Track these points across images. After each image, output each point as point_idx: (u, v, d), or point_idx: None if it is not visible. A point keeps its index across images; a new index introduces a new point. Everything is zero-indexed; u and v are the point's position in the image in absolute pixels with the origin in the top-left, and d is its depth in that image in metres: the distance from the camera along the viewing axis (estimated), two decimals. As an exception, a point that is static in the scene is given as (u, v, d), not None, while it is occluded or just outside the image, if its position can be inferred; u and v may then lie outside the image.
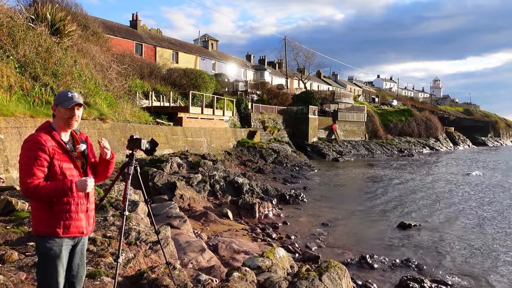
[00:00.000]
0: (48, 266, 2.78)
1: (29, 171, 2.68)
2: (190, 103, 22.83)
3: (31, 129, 9.67)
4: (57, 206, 2.77)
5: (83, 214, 2.91)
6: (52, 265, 2.78)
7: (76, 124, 2.92)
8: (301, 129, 38.09)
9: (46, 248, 2.77)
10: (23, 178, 2.68)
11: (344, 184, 20.53)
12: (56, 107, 2.89)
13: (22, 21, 13.28)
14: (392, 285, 7.28)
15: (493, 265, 8.62)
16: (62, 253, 2.80)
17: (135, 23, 39.93)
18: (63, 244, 2.81)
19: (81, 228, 2.90)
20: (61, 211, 2.79)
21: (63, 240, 2.81)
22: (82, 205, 2.89)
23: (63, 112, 2.86)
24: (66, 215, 2.81)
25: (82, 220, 2.90)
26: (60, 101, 2.87)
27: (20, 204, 6.34)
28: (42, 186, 2.68)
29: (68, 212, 2.81)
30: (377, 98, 79.84)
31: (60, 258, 2.79)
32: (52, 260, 2.78)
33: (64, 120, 2.87)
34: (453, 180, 22.81)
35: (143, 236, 5.50)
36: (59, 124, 2.89)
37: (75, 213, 2.85)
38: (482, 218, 13.04)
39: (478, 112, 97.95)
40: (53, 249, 2.77)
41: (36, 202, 2.79)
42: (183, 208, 10.94)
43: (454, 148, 59.42)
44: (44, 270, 2.79)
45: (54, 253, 2.77)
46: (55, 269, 2.78)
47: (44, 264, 2.79)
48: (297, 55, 60.99)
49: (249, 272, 4.98)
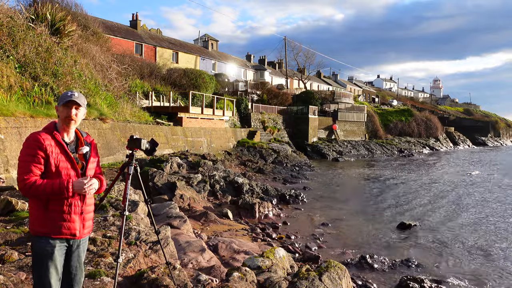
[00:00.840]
0: (41, 266, 2.79)
1: (26, 168, 2.72)
2: (190, 103, 22.83)
3: (31, 129, 9.67)
4: (51, 206, 2.79)
5: (77, 216, 2.89)
6: (44, 265, 2.79)
7: (74, 123, 2.93)
8: (301, 129, 38.09)
9: (39, 247, 2.80)
10: (21, 175, 2.72)
11: (344, 184, 20.53)
12: (57, 107, 2.95)
13: (22, 21, 13.28)
14: (392, 285, 7.28)
15: (493, 265, 8.62)
16: (54, 254, 2.80)
17: (135, 23, 39.94)
18: (55, 245, 2.81)
19: (73, 230, 2.87)
20: (54, 211, 2.80)
21: (55, 241, 2.81)
22: (76, 206, 2.87)
23: (61, 111, 2.90)
24: (59, 216, 2.81)
25: (75, 222, 2.88)
26: (60, 100, 2.93)
27: (20, 204, 6.34)
28: (39, 183, 2.70)
29: (61, 213, 2.81)
30: (377, 98, 79.84)
31: (52, 259, 2.79)
32: (45, 260, 2.79)
33: (63, 119, 2.91)
34: (453, 180, 22.81)
35: (143, 236, 5.50)
36: (60, 124, 2.93)
37: (67, 215, 2.84)
38: (482, 218, 13.04)
39: (478, 112, 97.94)
40: (45, 249, 2.78)
41: (34, 202, 2.81)
42: (183, 208, 10.94)
43: (454, 148, 59.43)
44: (37, 269, 2.81)
45: (46, 253, 2.79)
46: (47, 269, 2.78)
47: (37, 264, 2.81)
48: (297, 55, 61.07)
49: (249, 272, 4.98)
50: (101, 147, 13.57)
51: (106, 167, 13.05)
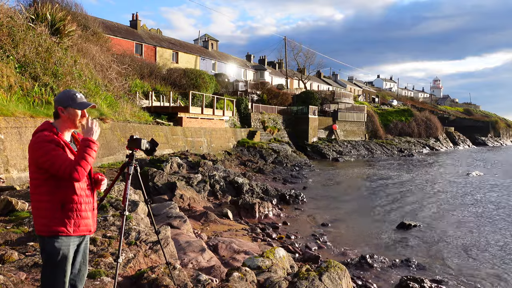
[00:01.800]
0: (57, 266, 2.79)
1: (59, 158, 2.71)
2: (190, 103, 22.82)
3: (31, 129, 9.66)
4: (67, 204, 2.81)
5: (91, 212, 2.98)
6: (61, 265, 2.79)
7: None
8: (301, 129, 38.09)
9: (54, 247, 2.77)
10: (61, 166, 2.69)
11: (344, 184, 20.54)
12: (64, 109, 2.88)
13: (22, 21, 13.28)
14: (392, 285, 7.27)
15: (494, 265, 8.62)
16: (70, 252, 2.84)
17: (135, 23, 39.93)
18: (70, 243, 2.84)
19: (89, 226, 2.96)
20: (72, 210, 2.83)
21: (70, 239, 2.83)
22: (89, 203, 2.95)
23: (73, 113, 2.89)
24: (77, 213, 2.85)
25: (90, 219, 2.96)
26: (70, 103, 2.88)
27: (20, 204, 6.34)
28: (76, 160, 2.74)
29: (78, 211, 2.86)
30: (377, 98, 79.82)
31: (67, 258, 2.83)
32: (61, 259, 2.79)
33: (72, 121, 2.91)
34: (453, 180, 22.81)
35: (143, 236, 5.50)
36: (65, 125, 2.91)
37: (84, 212, 2.90)
38: (482, 218, 13.04)
39: (478, 112, 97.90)
40: (61, 248, 2.79)
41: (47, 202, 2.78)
42: (183, 208, 10.94)
43: (454, 148, 59.43)
44: (51, 270, 2.79)
45: (62, 252, 2.79)
46: (63, 269, 2.80)
47: (52, 264, 2.79)
48: (297, 55, 61.01)
49: (249, 272, 4.98)
50: (101, 147, 13.56)
51: (106, 167, 13.05)
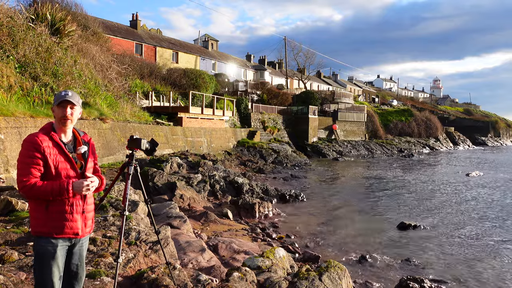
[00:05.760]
0: (43, 265, 2.80)
1: (26, 170, 2.72)
2: (190, 103, 22.82)
3: (31, 129, 9.67)
4: (52, 206, 2.79)
5: (79, 215, 2.91)
6: (47, 265, 2.80)
7: (71, 123, 2.93)
8: (301, 129, 38.10)
9: (41, 247, 2.81)
10: (20, 177, 2.72)
11: (344, 184, 20.53)
12: (53, 108, 2.94)
13: (22, 21, 13.28)
14: (392, 285, 7.27)
15: (494, 265, 8.62)
16: (56, 253, 2.82)
17: (135, 23, 39.94)
18: (58, 244, 2.82)
19: (75, 229, 2.90)
20: (56, 212, 2.81)
21: (58, 240, 2.82)
22: (77, 206, 2.89)
23: (57, 111, 2.90)
24: (61, 216, 2.82)
25: (77, 222, 2.90)
26: (55, 100, 2.92)
27: (20, 204, 6.34)
28: (39, 185, 2.71)
29: (63, 213, 2.83)
30: (377, 98, 79.82)
31: (54, 258, 2.81)
32: (47, 259, 2.80)
33: (59, 119, 2.90)
34: (453, 180, 22.81)
35: (143, 236, 5.50)
36: (57, 124, 2.93)
37: (69, 214, 2.85)
38: (482, 218, 13.04)
39: (478, 112, 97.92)
40: (47, 249, 2.79)
41: (33, 202, 2.82)
42: (183, 208, 10.94)
43: (454, 148, 59.42)
44: (39, 269, 2.82)
45: (48, 253, 2.80)
46: (50, 269, 2.80)
47: (39, 264, 2.82)
48: (297, 55, 61.04)
49: (249, 272, 4.98)
50: (101, 147, 13.56)
51: (106, 167, 13.04)
